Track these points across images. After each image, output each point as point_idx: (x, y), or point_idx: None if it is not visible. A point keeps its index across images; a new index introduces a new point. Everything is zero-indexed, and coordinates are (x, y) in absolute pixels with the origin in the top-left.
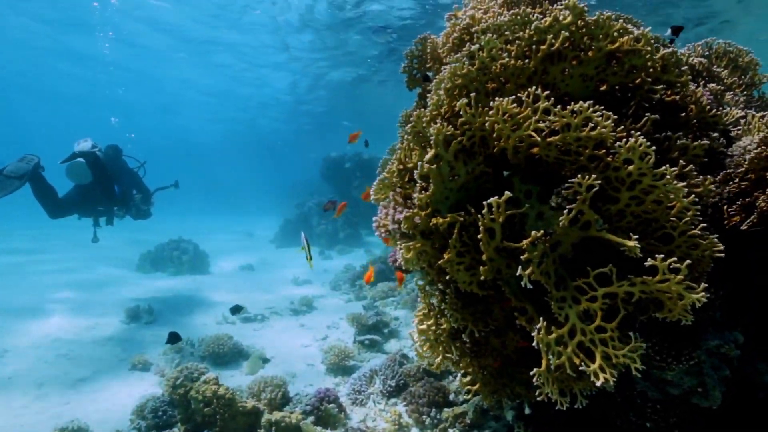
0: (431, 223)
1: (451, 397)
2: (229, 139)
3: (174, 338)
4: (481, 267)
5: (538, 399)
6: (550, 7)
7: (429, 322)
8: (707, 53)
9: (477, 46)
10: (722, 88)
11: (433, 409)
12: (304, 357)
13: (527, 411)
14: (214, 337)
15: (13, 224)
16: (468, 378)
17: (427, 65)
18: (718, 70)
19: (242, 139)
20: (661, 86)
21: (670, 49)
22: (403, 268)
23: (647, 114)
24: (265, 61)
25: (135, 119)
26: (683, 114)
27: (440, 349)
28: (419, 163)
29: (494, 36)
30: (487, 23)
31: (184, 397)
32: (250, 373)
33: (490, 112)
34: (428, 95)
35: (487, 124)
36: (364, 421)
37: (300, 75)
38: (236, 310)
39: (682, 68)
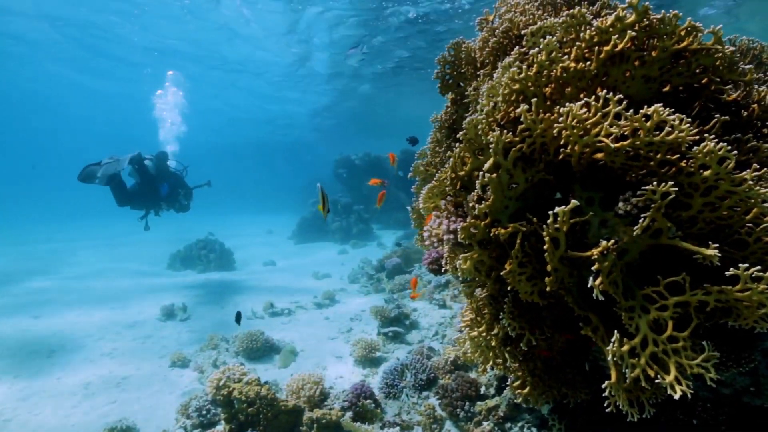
0: (491, 233)
1: (482, 390)
2: (248, 143)
3: (239, 317)
4: (547, 278)
5: (607, 411)
6: (607, 7)
7: (480, 329)
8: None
9: (535, 49)
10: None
11: (467, 403)
12: (331, 350)
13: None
14: (247, 334)
15: (45, 226)
16: (518, 382)
17: (461, 70)
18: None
19: (260, 142)
20: (729, 86)
21: (732, 47)
22: (460, 277)
23: (716, 115)
24: (285, 73)
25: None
26: (745, 113)
27: (491, 354)
28: (480, 173)
29: (553, 38)
30: (537, 25)
31: (228, 398)
32: (283, 366)
33: (560, 119)
34: (463, 100)
35: (554, 130)
36: (399, 415)
37: (314, 88)
38: (238, 318)
39: (746, 67)
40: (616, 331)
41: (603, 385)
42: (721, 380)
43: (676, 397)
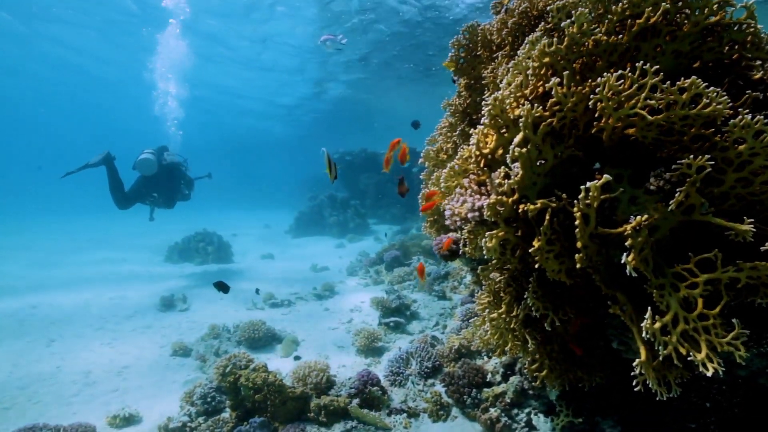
0: (520, 210)
1: (489, 377)
2: (245, 139)
3: (223, 287)
4: (576, 255)
5: (636, 389)
6: None
7: (500, 311)
8: None
9: (567, 21)
10: None
11: (473, 390)
12: (333, 339)
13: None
14: (249, 323)
15: (42, 220)
16: (536, 365)
17: (477, 53)
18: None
19: (257, 139)
20: (759, 62)
21: (760, 25)
22: (486, 255)
23: (747, 91)
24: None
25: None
26: None
27: (510, 336)
28: (510, 148)
29: (587, 11)
30: (563, 0)
31: (234, 384)
32: (285, 355)
33: (596, 89)
34: (477, 84)
35: (590, 102)
36: (405, 402)
37: (311, 82)
38: (222, 287)
39: None
40: (650, 308)
41: (634, 363)
42: (738, 362)
43: (709, 374)
